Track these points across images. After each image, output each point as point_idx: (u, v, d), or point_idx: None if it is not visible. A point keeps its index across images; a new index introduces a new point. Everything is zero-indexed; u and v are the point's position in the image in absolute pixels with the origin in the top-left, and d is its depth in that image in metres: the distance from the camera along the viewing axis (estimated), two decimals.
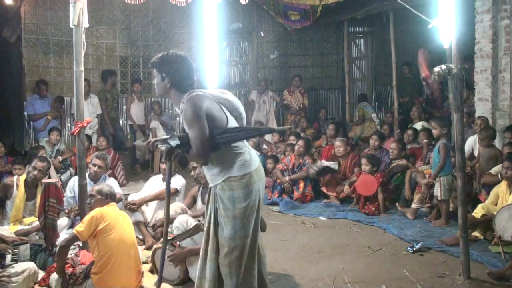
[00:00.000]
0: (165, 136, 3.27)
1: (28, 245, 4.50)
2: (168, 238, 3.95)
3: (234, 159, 3.06)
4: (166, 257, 3.47)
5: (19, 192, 5.17)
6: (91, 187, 4.27)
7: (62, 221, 4.98)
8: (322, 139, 8.43)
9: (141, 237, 5.10)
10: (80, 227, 3.75)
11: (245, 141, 3.18)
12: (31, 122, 8.43)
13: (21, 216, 5.14)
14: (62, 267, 3.80)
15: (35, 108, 8.22)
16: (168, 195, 3.36)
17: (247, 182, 3.06)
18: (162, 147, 3.15)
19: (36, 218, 4.91)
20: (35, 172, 5.10)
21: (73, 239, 3.78)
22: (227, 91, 3.32)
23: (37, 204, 5.07)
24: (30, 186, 5.20)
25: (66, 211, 5.01)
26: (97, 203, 4.03)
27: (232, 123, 3.14)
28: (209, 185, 3.20)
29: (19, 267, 3.99)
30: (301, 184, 6.68)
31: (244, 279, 3.12)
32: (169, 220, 3.48)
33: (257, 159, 3.23)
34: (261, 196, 3.22)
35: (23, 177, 5.27)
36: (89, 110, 8.17)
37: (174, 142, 3.07)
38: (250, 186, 3.08)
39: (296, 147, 7.02)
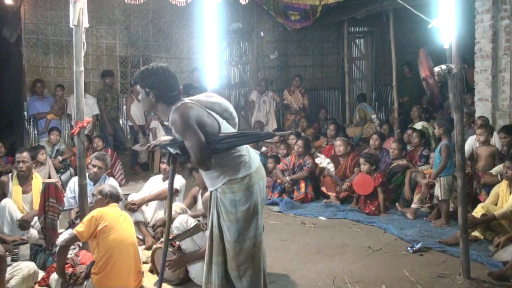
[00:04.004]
0: (165, 139, 3.25)
1: (28, 245, 4.51)
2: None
3: (233, 161, 3.04)
4: (165, 261, 3.45)
5: (13, 186, 5.26)
6: (94, 187, 4.28)
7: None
8: (322, 139, 8.43)
9: (141, 237, 5.09)
10: (80, 227, 3.75)
11: None
12: (31, 122, 8.45)
13: (22, 209, 5.20)
14: (62, 267, 3.80)
15: (37, 108, 8.25)
16: (171, 198, 3.35)
17: (248, 183, 3.04)
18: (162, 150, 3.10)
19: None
20: (20, 165, 5.22)
21: (73, 239, 3.77)
22: (213, 94, 3.27)
23: (34, 196, 5.16)
24: (23, 180, 5.29)
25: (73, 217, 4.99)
26: (98, 203, 4.05)
27: (225, 126, 3.10)
28: (209, 189, 3.18)
29: (18, 266, 4.00)
30: (302, 184, 6.68)
31: (253, 280, 3.11)
32: (170, 221, 3.47)
33: (257, 159, 3.21)
34: (263, 197, 3.20)
35: (15, 172, 5.38)
36: (84, 110, 8.11)
37: (174, 151, 3.03)
38: (251, 188, 3.05)
39: (296, 147, 7.02)
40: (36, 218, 4.93)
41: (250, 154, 3.15)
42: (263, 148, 8.56)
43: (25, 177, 5.29)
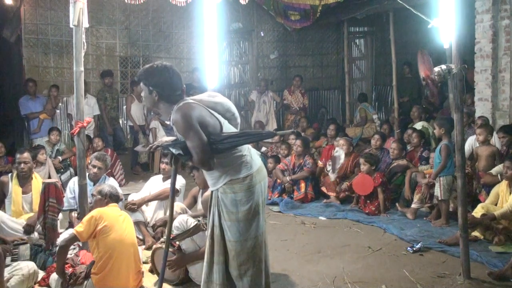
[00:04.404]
0: (167, 139, 3.25)
1: (28, 245, 4.51)
2: None
3: (234, 161, 3.03)
4: (166, 261, 3.45)
5: (13, 186, 5.24)
6: (93, 188, 4.28)
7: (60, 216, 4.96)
8: (322, 139, 8.44)
9: (141, 237, 5.09)
10: (79, 227, 3.75)
11: None
12: (29, 122, 8.43)
13: (21, 210, 5.20)
14: (62, 267, 3.80)
15: (30, 108, 8.17)
16: (173, 198, 3.34)
17: (249, 183, 3.04)
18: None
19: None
20: (22, 165, 5.20)
21: (72, 239, 3.77)
22: (216, 94, 3.26)
23: (34, 197, 5.14)
24: (23, 180, 5.27)
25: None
26: (97, 204, 4.05)
27: (227, 126, 3.10)
28: (210, 189, 3.18)
29: (18, 266, 4.00)
30: (302, 184, 6.68)
31: (254, 280, 3.11)
32: (172, 221, 3.47)
33: (258, 159, 3.20)
34: (264, 197, 3.20)
35: (15, 172, 5.36)
36: (85, 111, 8.08)
37: (176, 151, 3.03)
38: (252, 188, 3.05)
39: (294, 147, 7.03)
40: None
41: (252, 154, 3.15)
42: (263, 148, 8.56)
43: (26, 178, 5.28)
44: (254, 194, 3.06)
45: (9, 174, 5.43)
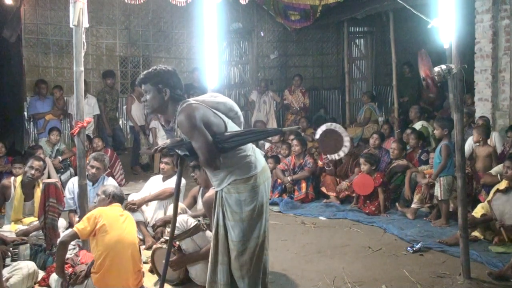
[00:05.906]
0: (172, 141, 3.26)
1: (28, 245, 4.51)
2: (167, 238, 3.94)
3: (239, 161, 3.04)
4: (168, 261, 3.46)
5: (16, 194, 5.17)
6: (97, 188, 4.29)
7: (60, 223, 4.95)
8: None
9: (141, 237, 5.09)
10: (80, 224, 3.76)
11: None
12: (31, 122, 8.45)
13: (21, 217, 5.15)
14: (62, 264, 3.80)
15: (37, 108, 8.25)
16: (177, 198, 3.35)
17: (253, 184, 3.04)
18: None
19: (36, 218, 4.91)
20: (32, 172, 5.11)
21: (73, 236, 3.78)
22: (218, 94, 3.27)
23: (36, 204, 5.08)
24: (27, 186, 5.20)
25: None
26: (100, 202, 4.06)
27: (231, 125, 3.10)
28: (215, 189, 3.18)
29: (18, 266, 4.00)
30: (303, 184, 6.68)
31: (255, 280, 3.12)
32: (175, 222, 3.47)
33: (262, 159, 3.21)
34: (268, 197, 3.20)
35: (19, 178, 5.27)
36: (85, 110, 8.08)
37: (182, 152, 3.03)
38: (256, 188, 3.05)
39: (292, 147, 7.04)
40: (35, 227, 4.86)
41: (256, 154, 3.15)
42: (267, 145, 8.49)
43: (31, 185, 5.20)
44: (258, 195, 3.06)
45: (12, 178, 5.35)
